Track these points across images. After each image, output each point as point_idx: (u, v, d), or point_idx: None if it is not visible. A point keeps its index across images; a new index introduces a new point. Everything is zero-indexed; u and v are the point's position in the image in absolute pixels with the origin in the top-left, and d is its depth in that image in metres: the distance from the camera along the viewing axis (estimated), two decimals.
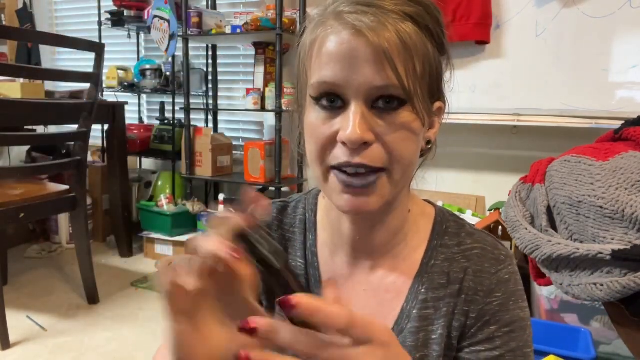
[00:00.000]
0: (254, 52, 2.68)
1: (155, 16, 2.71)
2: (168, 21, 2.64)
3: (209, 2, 2.91)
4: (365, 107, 0.49)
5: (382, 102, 0.49)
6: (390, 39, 0.46)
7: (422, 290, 0.59)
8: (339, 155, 0.50)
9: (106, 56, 2.28)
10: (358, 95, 0.48)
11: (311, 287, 0.63)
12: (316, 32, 0.51)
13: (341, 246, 0.62)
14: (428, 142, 0.57)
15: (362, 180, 0.50)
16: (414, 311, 0.59)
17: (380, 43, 0.46)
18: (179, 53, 2.68)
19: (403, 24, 0.48)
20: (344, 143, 0.49)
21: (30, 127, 2.79)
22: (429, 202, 0.66)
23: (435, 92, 0.53)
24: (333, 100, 0.50)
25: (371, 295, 0.61)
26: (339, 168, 0.50)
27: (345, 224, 0.59)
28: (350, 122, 0.48)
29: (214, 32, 2.57)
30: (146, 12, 2.87)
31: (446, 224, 0.62)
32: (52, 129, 3.12)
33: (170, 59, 2.80)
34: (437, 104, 0.55)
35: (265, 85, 2.56)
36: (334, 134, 0.49)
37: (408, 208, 0.61)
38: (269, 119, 2.86)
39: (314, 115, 0.51)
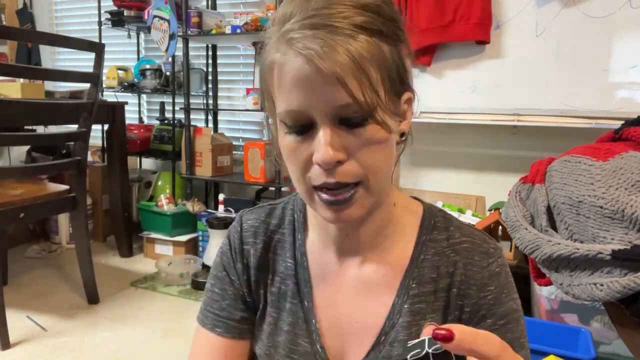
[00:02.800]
0: (254, 52, 2.68)
1: (155, 16, 2.71)
2: (168, 21, 2.64)
3: (209, 2, 2.91)
4: (333, 126, 0.50)
5: (350, 119, 0.50)
6: (342, 62, 0.46)
7: (413, 285, 0.60)
8: (317, 177, 0.52)
9: (106, 56, 2.28)
10: (324, 116, 0.49)
11: (301, 287, 0.64)
12: (272, 55, 0.51)
13: (329, 244, 0.63)
14: (403, 134, 0.57)
15: (341, 195, 0.52)
16: (405, 306, 0.60)
17: (330, 69, 0.46)
18: (179, 53, 2.68)
19: (354, 41, 0.47)
20: (319, 164, 0.50)
21: (30, 127, 2.80)
22: (416, 198, 0.67)
23: (399, 87, 0.54)
24: (303, 124, 0.51)
25: (361, 291, 0.62)
26: (319, 188, 0.53)
27: (332, 224, 0.61)
28: (322, 145, 0.49)
29: (214, 32, 2.57)
30: (146, 12, 2.87)
31: (434, 218, 0.63)
32: (52, 129, 3.12)
33: (170, 59, 2.80)
34: (406, 96, 0.56)
35: None
36: (309, 156, 0.51)
37: (393, 202, 0.62)
38: None
39: (287, 139, 0.53)
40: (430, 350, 0.37)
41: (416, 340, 0.38)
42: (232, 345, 0.65)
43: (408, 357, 0.38)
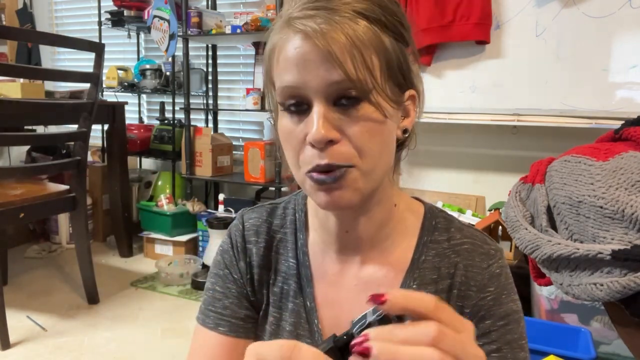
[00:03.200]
0: (254, 52, 2.68)
1: (155, 16, 2.71)
2: (168, 21, 2.64)
3: (209, 2, 2.91)
4: (327, 106, 0.50)
5: (344, 99, 0.50)
6: (338, 40, 0.48)
7: (414, 286, 0.60)
8: (309, 158, 0.52)
9: (106, 56, 2.28)
10: (318, 94, 0.50)
11: (303, 286, 0.64)
12: (274, 39, 0.53)
13: (330, 243, 0.63)
14: (405, 131, 0.57)
15: (332, 173, 0.51)
16: None
17: (327, 45, 0.48)
18: (179, 53, 2.68)
19: (352, 22, 0.49)
20: (312, 144, 0.51)
21: (30, 127, 2.80)
22: (417, 199, 0.67)
23: (402, 82, 0.54)
24: (298, 103, 0.51)
25: (362, 290, 0.62)
26: (311, 172, 0.53)
27: (331, 220, 0.61)
28: (315, 123, 0.50)
29: (214, 32, 2.57)
30: (146, 12, 2.87)
31: (435, 219, 0.63)
32: (52, 129, 3.12)
33: (170, 59, 2.80)
34: (409, 93, 0.56)
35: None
36: (304, 137, 0.51)
37: (394, 202, 0.62)
38: None
39: (284, 121, 0.53)
40: (373, 318, 0.37)
41: (359, 316, 0.39)
42: (236, 344, 0.64)
43: (353, 330, 0.38)
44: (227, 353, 0.64)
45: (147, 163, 3.38)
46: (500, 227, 1.92)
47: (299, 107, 0.52)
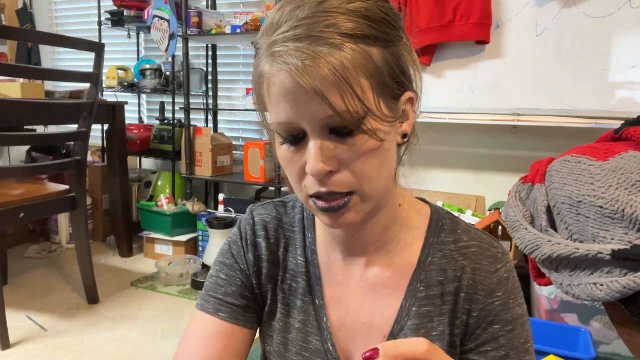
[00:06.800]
0: (254, 52, 2.68)
1: (155, 16, 2.71)
2: (168, 21, 2.64)
3: (209, 2, 2.91)
4: (323, 138, 0.50)
5: (338, 130, 0.50)
6: (323, 75, 0.46)
7: (421, 288, 0.60)
8: (311, 186, 0.52)
9: (106, 56, 2.28)
10: (313, 127, 0.49)
11: (312, 285, 0.64)
12: (262, 66, 0.51)
13: (335, 245, 0.63)
14: (405, 136, 0.56)
15: (336, 201, 0.52)
16: (414, 309, 0.60)
17: (310, 83, 0.46)
18: (179, 53, 2.68)
19: (337, 52, 0.46)
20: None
21: (30, 127, 2.80)
22: (422, 200, 0.67)
23: (395, 90, 0.52)
24: (295, 134, 0.51)
25: (368, 292, 0.62)
26: (313, 197, 0.53)
27: None
28: (312, 157, 0.50)
29: (214, 32, 2.57)
30: (146, 12, 2.87)
31: (442, 221, 0.63)
32: (52, 129, 3.12)
33: (170, 59, 2.80)
34: (406, 96, 0.54)
35: None
36: (304, 165, 0.52)
37: (398, 203, 0.62)
38: None
39: (283, 149, 0.53)
40: None
41: None
42: (233, 330, 0.64)
43: None
44: (225, 339, 0.63)
45: (147, 163, 3.38)
46: (500, 227, 1.92)
47: (296, 137, 0.51)
